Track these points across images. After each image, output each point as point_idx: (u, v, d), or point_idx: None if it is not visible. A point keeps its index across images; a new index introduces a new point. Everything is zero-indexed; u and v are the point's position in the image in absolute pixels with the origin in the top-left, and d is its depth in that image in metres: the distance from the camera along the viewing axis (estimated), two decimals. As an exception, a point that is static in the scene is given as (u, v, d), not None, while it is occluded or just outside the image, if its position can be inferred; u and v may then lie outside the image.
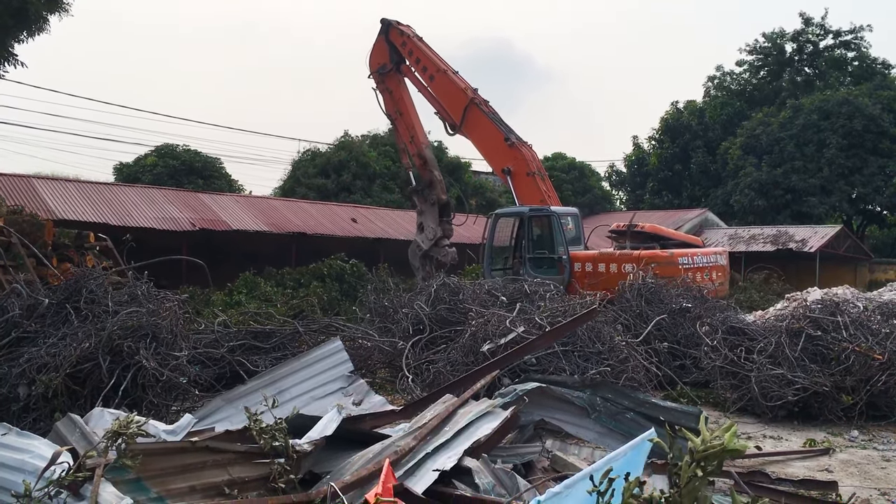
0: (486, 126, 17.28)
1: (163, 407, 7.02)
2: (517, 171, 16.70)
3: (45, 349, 6.99)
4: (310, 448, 4.41)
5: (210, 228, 22.46)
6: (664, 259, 14.41)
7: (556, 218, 15.73)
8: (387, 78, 18.61)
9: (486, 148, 17.65)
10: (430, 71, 17.99)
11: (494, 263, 16.06)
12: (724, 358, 9.22)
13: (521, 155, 16.73)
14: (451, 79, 17.71)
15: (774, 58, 45.78)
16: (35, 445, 4.18)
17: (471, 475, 4.41)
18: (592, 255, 15.48)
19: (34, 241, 10.50)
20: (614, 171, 48.72)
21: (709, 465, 2.48)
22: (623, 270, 14.37)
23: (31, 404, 6.72)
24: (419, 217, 18.59)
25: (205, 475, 3.99)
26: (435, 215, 18.11)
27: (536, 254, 15.55)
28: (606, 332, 8.94)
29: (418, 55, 18.18)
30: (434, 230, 17.98)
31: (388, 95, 18.76)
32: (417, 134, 18.54)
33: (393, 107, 18.72)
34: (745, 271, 25.80)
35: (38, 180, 22.88)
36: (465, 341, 8.67)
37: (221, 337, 9.18)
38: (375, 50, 18.89)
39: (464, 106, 17.30)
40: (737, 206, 39.25)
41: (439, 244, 17.95)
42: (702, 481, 2.48)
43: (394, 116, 18.82)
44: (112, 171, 38.08)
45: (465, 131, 17.58)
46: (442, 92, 17.86)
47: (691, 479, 2.47)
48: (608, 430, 5.88)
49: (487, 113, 17.32)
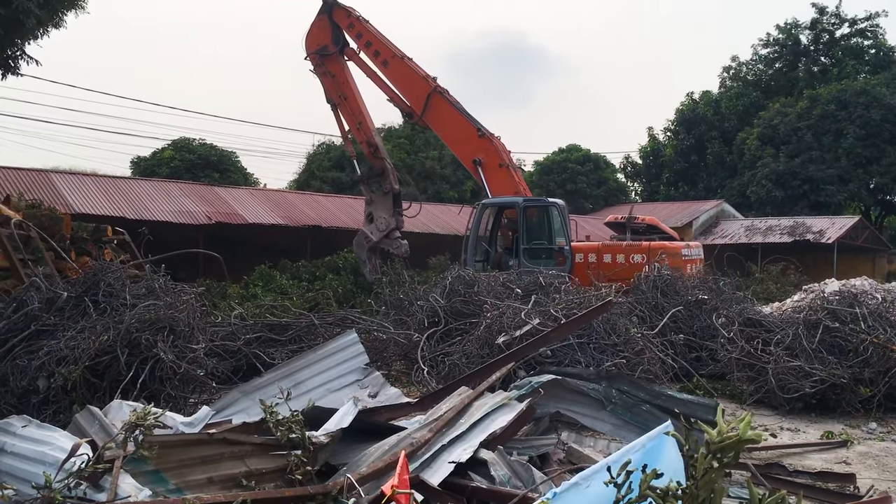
0: (453, 116, 16.83)
1: (180, 399, 7.07)
2: (488, 162, 16.43)
3: (64, 342, 7.06)
4: (326, 440, 4.43)
5: (226, 222, 22.57)
6: (672, 250, 14.78)
7: (557, 208, 15.77)
8: (328, 60, 17.73)
9: (452, 138, 17.27)
10: (383, 56, 17.26)
11: (477, 255, 15.90)
12: (740, 350, 9.17)
13: (493, 146, 16.49)
14: (409, 65, 17.11)
15: (790, 48, 45.40)
16: (55, 437, 4.23)
17: (486, 467, 4.42)
18: (596, 246, 15.57)
19: (53, 235, 10.58)
20: (629, 163, 48.52)
21: (725, 457, 2.47)
22: (631, 261, 14.53)
23: (51, 397, 6.79)
24: (368, 207, 17.98)
25: (222, 467, 4.02)
26: (388, 205, 17.63)
27: (533, 244, 15.46)
28: (622, 323, 8.91)
29: (368, 38, 17.41)
30: (387, 221, 17.51)
31: (329, 79, 17.85)
32: (365, 120, 17.83)
33: (336, 91, 17.84)
34: (762, 263, 25.61)
35: (56, 175, 23.07)
36: (481, 333, 8.68)
37: (238, 330, 9.25)
38: (315, 29, 17.94)
39: (426, 94, 16.77)
40: (753, 197, 39.03)
41: (391, 236, 17.52)
42: (718, 473, 2.47)
43: (337, 101, 17.94)
44: (129, 164, 38.41)
45: (427, 120, 17.08)
46: (398, 78, 17.19)
47: (707, 471, 2.47)
48: (624, 422, 5.86)
49: (453, 102, 16.88)
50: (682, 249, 15.08)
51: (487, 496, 4.16)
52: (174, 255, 10.69)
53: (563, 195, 41.22)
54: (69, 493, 3.52)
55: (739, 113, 43.98)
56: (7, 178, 20.95)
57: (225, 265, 13.14)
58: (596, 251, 15.41)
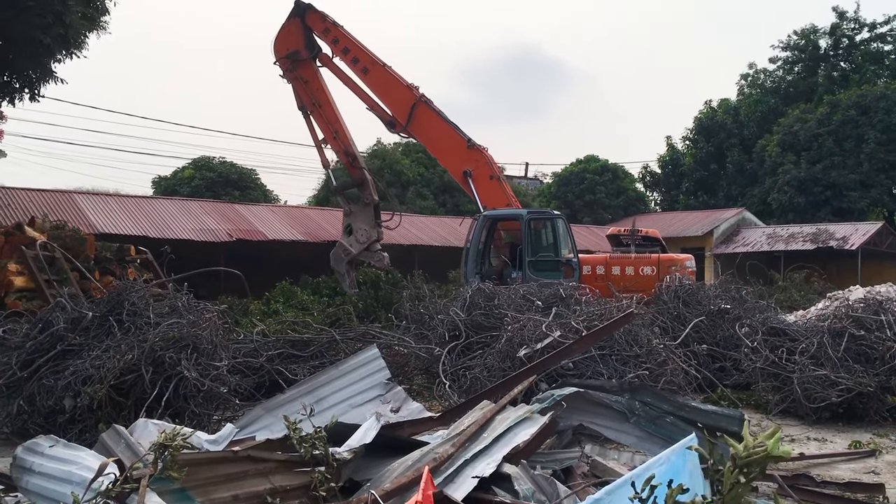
0: (441, 127, 16.51)
1: (204, 416, 7.12)
2: (479, 174, 16.22)
3: (89, 361, 7.13)
4: (349, 456, 4.44)
5: (247, 239, 22.71)
6: (679, 262, 15.18)
7: (563, 221, 15.78)
8: (300, 66, 17.07)
9: (440, 149, 16.97)
10: (362, 63, 16.68)
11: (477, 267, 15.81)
12: (765, 359, 9.09)
13: (483, 157, 16.31)
14: (391, 73, 16.64)
15: (809, 53, 45.13)
16: (81, 457, 4.27)
17: (510, 481, 4.41)
18: (603, 258, 15.65)
19: (77, 256, 10.72)
20: (648, 173, 48.31)
21: (752, 472, 2.45)
22: (641, 273, 14.62)
23: (77, 416, 6.86)
24: (346, 219, 17.51)
25: (247, 484, 4.04)
26: (368, 217, 17.23)
27: (540, 257, 15.42)
28: (644, 335, 8.86)
29: (346, 44, 16.83)
30: (367, 233, 17.12)
31: (301, 85, 17.16)
32: (342, 129, 17.24)
33: (309, 98, 17.15)
34: (785, 271, 25.39)
35: (79, 195, 23.35)
36: (502, 347, 8.66)
37: (260, 346, 9.29)
38: (285, 33, 17.20)
39: (410, 103, 16.39)
40: (775, 205, 38.74)
41: (371, 248, 17.16)
42: (745, 488, 2.45)
43: (309, 109, 17.25)
44: (150, 184, 38.79)
45: (412, 130, 16.70)
46: (379, 86, 16.69)
47: (734, 486, 2.45)
48: (648, 434, 5.82)
49: (439, 112, 16.57)
50: (687, 262, 15.51)
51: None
52: (197, 273, 10.77)
53: (581, 206, 41.16)
54: (97, 512, 3.55)
55: (758, 120, 43.72)
56: (31, 199, 21.23)
57: (246, 282, 13.21)
58: (604, 263, 15.50)
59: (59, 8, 11.18)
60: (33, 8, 11.01)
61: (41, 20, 11.05)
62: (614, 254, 16.53)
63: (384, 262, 17.23)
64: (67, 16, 11.44)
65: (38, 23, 11.04)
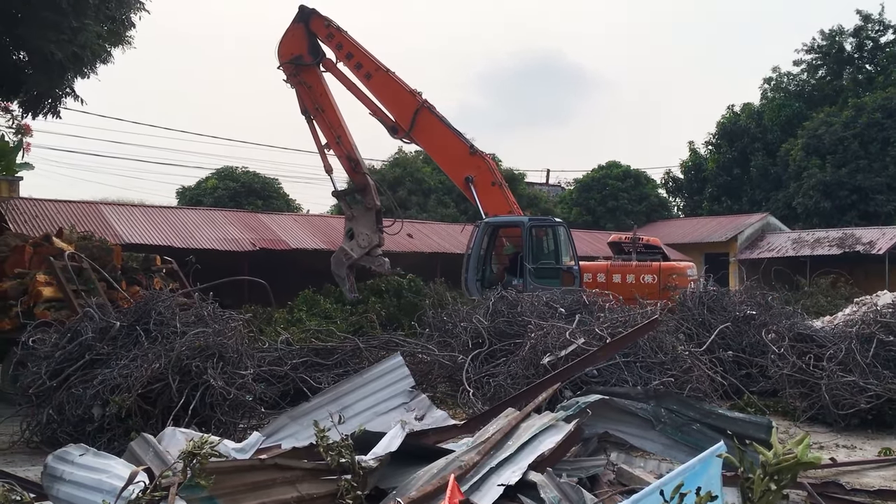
0: (443, 133, 16.50)
1: (230, 425, 7.18)
2: (481, 180, 16.19)
3: (117, 370, 7.23)
4: (375, 464, 4.45)
5: (270, 248, 22.85)
6: (680, 270, 15.34)
7: (565, 228, 15.80)
8: (303, 71, 17.06)
9: (443, 155, 16.96)
10: (366, 68, 16.67)
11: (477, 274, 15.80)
12: (792, 366, 9.00)
13: (485, 164, 16.28)
14: (395, 79, 16.61)
15: (833, 56, 44.69)
16: (111, 465, 4.32)
17: (536, 489, 4.40)
18: (604, 266, 15.68)
19: (104, 266, 10.83)
20: (671, 178, 48.03)
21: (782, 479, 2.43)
22: (642, 281, 14.68)
23: (106, 425, 6.95)
24: (348, 223, 17.44)
25: (274, 492, 4.07)
26: (370, 222, 17.13)
27: (541, 264, 15.38)
28: (668, 341, 8.82)
29: (350, 50, 16.81)
30: (369, 238, 17.03)
31: (304, 90, 17.11)
32: (345, 134, 17.12)
33: (312, 103, 17.10)
34: (811, 276, 25.11)
35: (105, 206, 23.61)
36: (525, 354, 8.64)
37: (284, 355, 9.36)
38: (289, 38, 17.17)
39: (413, 110, 16.35)
40: (800, 209, 38.39)
41: (373, 253, 17.11)
42: (776, 495, 2.43)
43: (313, 114, 17.18)
44: (175, 194, 39.19)
45: (415, 136, 16.66)
46: (382, 92, 16.67)
47: (765, 493, 2.43)
48: (674, 441, 5.78)
49: (441, 118, 16.55)
50: (688, 270, 15.64)
51: (538, 519, 4.14)
52: (222, 282, 10.86)
53: (603, 212, 40.98)
54: (128, 520, 3.59)
55: (782, 124, 43.34)
56: (59, 210, 21.51)
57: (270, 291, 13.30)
58: (605, 271, 15.53)
59: (76, 24, 11.24)
60: (48, 22, 11.09)
61: (56, 34, 11.13)
62: (615, 261, 16.56)
63: (385, 268, 17.20)
64: (83, 35, 11.50)
65: (52, 37, 11.12)
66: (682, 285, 14.32)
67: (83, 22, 11.30)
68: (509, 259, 16.42)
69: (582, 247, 29.67)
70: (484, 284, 15.51)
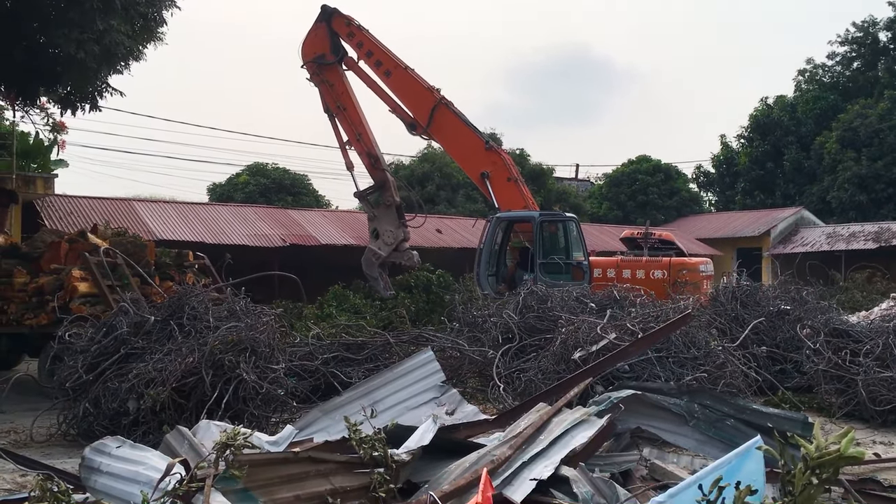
0: (459, 129, 16.54)
1: (263, 418, 7.24)
2: (496, 175, 16.16)
3: (151, 364, 7.32)
4: (408, 458, 4.46)
5: (300, 244, 23.00)
6: (691, 266, 15.19)
7: (576, 223, 15.85)
8: (326, 69, 17.22)
9: (459, 151, 17.01)
10: (385, 66, 16.82)
11: (490, 269, 15.79)
12: (827, 361, 8.88)
13: (501, 160, 16.27)
14: (413, 76, 16.72)
15: (868, 47, 43.95)
16: (148, 457, 4.37)
17: (568, 484, 4.38)
18: (614, 261, 15.66)
19: (138, 261, 10.96)
20: (702, 173, 47.54)
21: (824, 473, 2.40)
22: (652, 276, 14.82)
23: (141, 418, 7.04)
24: (372, 223, 17.48)
25: (308, 485, 4.09)
26: (392, 218, 17.18)
27: (551, 259, 15.37)
28: (701, 336, 8.73)
29: (370, 47, 16.98)
30: (394, 234, 17.04)
31: (326, 88, 17.28)
32: (365, 131, 17.28)
33: (334, 101, 17.27)
34: (847, 271, 24.73)
35: (138, 203, 23.92)
36: (556, 349, 8.61)
37: (315, 349, 9.40)
38: (312, 37, 17.39)
39: (431, 106, 16.43)
40: (835, 203, 37.82)
41: (400, 248, 17.11)
42: (817, 489, 2.40)
43: (335, 112, 17.33)
44: (206, 191, 39.58)
45: (432, 132, 16.75)
46: (401, 89, 16.80)
47: (806, 487, 2.39)
48: (707, 437, 5.73)
49: (458, 114, 16.59)
50: (701, 266, 15.45)
51: (571, 514, 4.12)
52: (254, 277, 10.94)
53: (633, 207, 40.66)
54: (164, 511, 3.64)
55: (816, 116, 42.68)
56: (93, 207, 21.83)
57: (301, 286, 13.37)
58: (615, 266, 15.49)
59: (102, 26, 11.31)
60: (74, 21, 11.17)
61: (79, 34, 11.20)
62: (626, 257, 16.49)
63: (414, 261, 17.24)
64: (109, 35, 11.57)
65: (75, 37, 11.20)
66: (695, 281, 14.38)
67: (109, 23, 11.38)
68: (520, 254, 16.41)
69: (610, 242, 29.50)
70: (497, 280, 15.53)
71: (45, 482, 3.59)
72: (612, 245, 28.23)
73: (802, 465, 2.49)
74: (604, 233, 32.58)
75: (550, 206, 33.00)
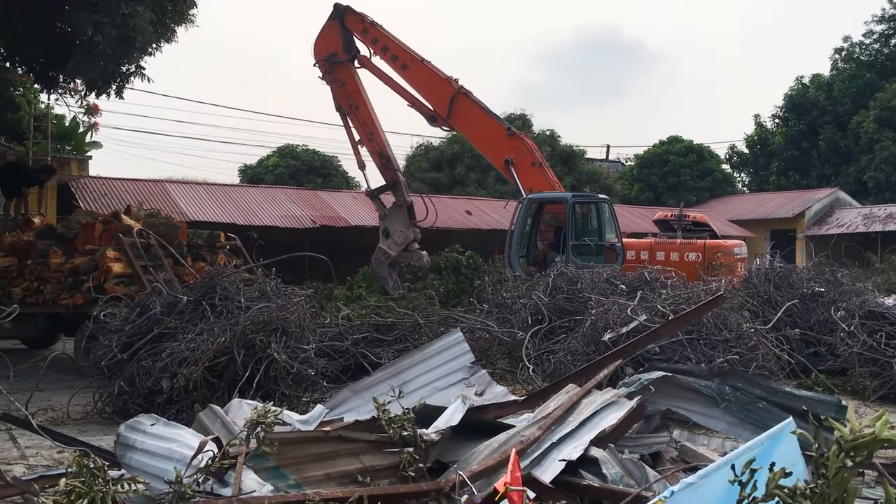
0: (480, 117, 16.41)
1: (294, 398, 7.30)
2: (520, 161, 15.97)
3: (184, 344, 7.41)
4: (437, 437, 4.48)
5: (330, 225, 23.13)
6: (726, 248, 15.10)
7: (609, 204, 15.67)
8: (338, 68, 17.07)
9: (481, 139, 16.86)
10: (402, 59, 16.65)
11: (521, 250, 15.72)
12: (862, 344, 8.75)
13: (524, 145, 16.12)
14: (430, 68, 16.55)
15: (906, 24, 42.97)
16: (181, 435, 4.43)
17: (597, 465, 4.37)
18: (648, 244, 15.49)
19: (170, 242, 11.08)
20: (735, 153, 46.88)
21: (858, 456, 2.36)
22: (686, 259, 14.77)
23: (174, 396, 7.14)
24: (383, 223, 17.35)
25: (338, 463, 4.13)
26: (403, 218, 17.04)
27: (583, 241, 15.24)
28: (733, 318, 8.64)
29: (385, 43, 16.78)
30: (404, 234, 16.91)
31: (339, 87, 17.14)
32: (377, 130, 17.15)
33: (346, 100, 17.15)
34: (883, 252, 24.29)
35: (170, 184, 24.21)
36: (586, 330, 8.57)
37: (345, 330, 9.45)
38: (325, 36, 17.19)
39: (450, 96, 16.24)
40: (871, 183, 37.15)
41: (410, 248, 17.00)
42: (851, 472, 2.36)
43: (347, 111, 17.23)
44: (237, 172, 39.88)
45: (453, 123, 16.62)
46: (419, 82, 16.66)
47: (840, 470, 2.36)
48: (739, 420, 5.68)
49: (478, 103, 16.44)
50: (735, 248, 15.33)
51: (601, 494, 4.11)
52: (285, 258, 11.02)
53: (665, 188, 40.25)
54: (198, 487, 3.69)
55: (853, 96, 41.82)
56: (126, 189, 22.12)
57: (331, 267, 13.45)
58: (648, 248, 15.34)
59: (126, 11, 11.27)
60: (99, 7, 11.13)
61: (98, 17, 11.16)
62: (659, 239, 16.32)
63: (424, 261, 17.08)
64: (133, 19, 11.53)
65: (95, 19, 11.15)
66: (729, 263, 14.28)
67: (134, 8, 11.37)
68: (553, 235, 16.34)
69: (641, 223, 29.26)
70: (528, 261, 15.49)
71: (82, 458, 3.65)
72: (643, 227, 28.00)
73: (836, 447, 2.45)
74: (635, 214, 32.33)
75: (581, 187, 32.80)
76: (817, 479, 2.42)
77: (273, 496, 3.56)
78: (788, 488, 2.43)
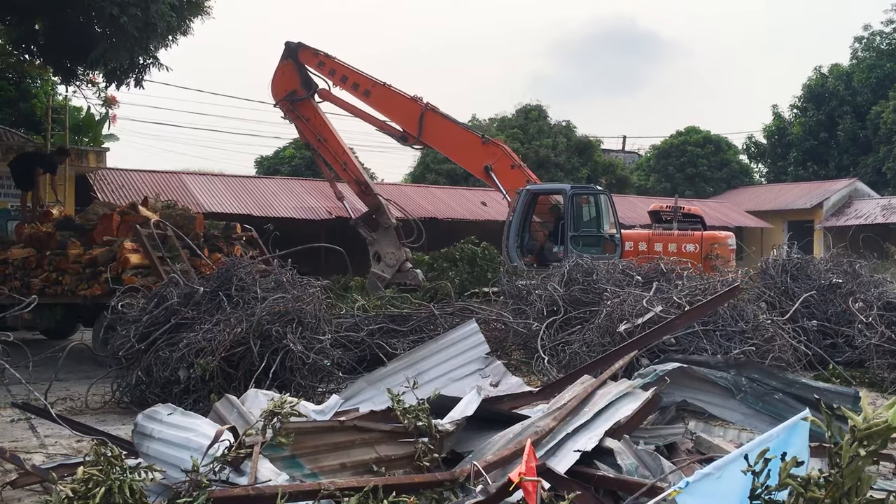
0: (452, 129, 16.46)
1: (309, 388, 7.34)
2: (500, 166, 16.01)
3: (201, 334, 7.46)
4: (452, 428, 4.49)
5: (346, 216, 23.15)
6: (721, 240, 15.38)
7: (607, 196, 15.78)
8: (300, 105, 17.15)
9: (457, 151, 16.87)
10: (363, 86, 16.73)
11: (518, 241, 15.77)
12: (880, 336, 8.68)
13: (501, 150, 16.19)
14: (393, 91, 16.59)
15: (928, 12, 42.37)
16: (198, 424, 4.47)
17: (612, 456, 4.37)
18: (646, 235, 15.62)
19: (187, 234, 11.14)
20: (753, 143, 46.49)
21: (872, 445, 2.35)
22: (684, 250, 14.86)
23: (191, 386, 7.19)
24: (372, 247, 17.23)
25: (354, 453, 4.15)
26: (392, 240, 17.02)
27: (582, 232, 15.33)
28: (750, 310, 8.60)
29: (343, 72, 16.90)
30: (395, 255, 16.85)
31: (303, 124, 17.28)
32: (350, 160, 17.32)
33: (313, 135, 17.28)
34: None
35: (187, 176, 24.33)
36: (601, 322, 8.56)
37: (361, 321, 9.49)
38: (280, 76, 17.26)
39: (418, 115, 16.28)
40: (890, 174, 36.75)
41: (402, 269, 16.94)
42: (865, 461, 2.35)
43: (316, 145, 17.39)
44: (253, 164, 40.03)
45: (425, 140, 16.63)
46: (384, 106, 16.73)
47: (853, 459, 2.35)
48: (755, 411, 5.65)
49: (447, 116, 16.46)
50: (729, 240, 15.68)
51: (615, 485, 4.11)
52: (301, 249, 11.05)
53: (682, 179, 40.01)
54: (214, 476, 3.73)
55: (873, 85, 41.32)
56: (143, 180, 22.26)
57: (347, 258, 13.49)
58: (646, 240, 15.44)
59: None
60: None
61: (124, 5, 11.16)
62: (657, 230, 16.36)
63: (419, 280, 16.91)
64: (155, 6, 11.57)
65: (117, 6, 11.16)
66: (724, 255, 14.65)
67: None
68: (552, 226, 16.38)
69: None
70: (523, 251, 15.53)
71: (100, 447, 3.69)
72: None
73: (850, 436, 2.44)
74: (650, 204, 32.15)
75: (597, 178, 32.68)
76: (831, 468, 2.41)
77: (289, 485, 3.59)
78: (802, 477, 2.42)
